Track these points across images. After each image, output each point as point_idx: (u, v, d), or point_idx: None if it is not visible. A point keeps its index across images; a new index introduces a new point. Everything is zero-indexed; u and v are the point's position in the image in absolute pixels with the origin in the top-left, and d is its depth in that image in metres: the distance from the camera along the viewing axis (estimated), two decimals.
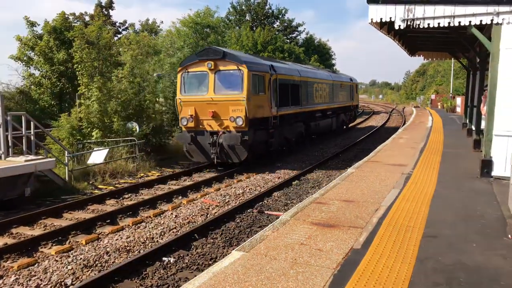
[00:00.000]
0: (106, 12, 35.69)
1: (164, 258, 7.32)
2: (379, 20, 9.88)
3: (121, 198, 11.66)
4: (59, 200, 11.28)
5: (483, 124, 11.10)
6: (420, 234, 5.77)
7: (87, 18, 32.65)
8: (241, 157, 14.29)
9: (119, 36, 34.97)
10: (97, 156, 14.56)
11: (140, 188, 12.64)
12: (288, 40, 51.15)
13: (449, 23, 9.36)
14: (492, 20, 8.98)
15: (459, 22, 9.28)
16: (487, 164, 9.53)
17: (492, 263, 4.85)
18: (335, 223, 6.25)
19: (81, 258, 7.36)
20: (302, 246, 5.34)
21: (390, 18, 9.73)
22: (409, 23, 9.64)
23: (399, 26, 9.73)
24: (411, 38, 16.17)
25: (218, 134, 14.35)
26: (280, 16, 53.78)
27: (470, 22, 9.20)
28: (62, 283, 6.54)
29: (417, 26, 9.65)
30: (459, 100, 37.46)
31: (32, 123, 12.28)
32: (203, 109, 14.45)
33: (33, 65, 26.65)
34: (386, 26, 12.06)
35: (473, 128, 15.64)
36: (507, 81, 9.02)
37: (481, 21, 9.09)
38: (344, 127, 29.23)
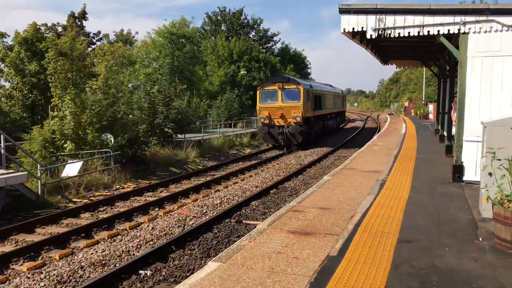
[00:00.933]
0: (79, 23, 35.24)
1: (140, 271, 7.20)
2: (351, 30, 10.07)
3: (96, 211, 11.44)
4: (32, 215, 10.97)
5: (454, 130, 11.40)
6: (395, 239, 5.86)
7: (59, 29, 32.15)
8: (298, 140, 23.30)
9: (93, 47, 34.55)
10: (71, 169, 14.26)
11: (116, 200, 12.43)
12: (263, 50, 51.50)
13: (418, 32, 9.63)
14: (459, 30, 9.28)
15: (428, 32, 9.57)
16: (458, 169, 9.77)
17: (464, 266, 4.96)
18: (312, 231, 6.28)
19: (54, 274, 7.17)
20: (279, 255, 5.34)
21: (362, 28, 9.95)
22: (380, 32, 9.87)
23: (371, 35, 9.95)
24: (383, 47, 16.54)
25: (284, 127, 23.29)
26: (255, 26, 54.21)
27: (438, 31, 9.49)
28: None
29: (388, 35, 9.88)
30: (431, 107, 38.37)
31: (2, 136, 11.97)
32: (274, 112, 23.54)
33: (3, 77, 26.08)
34: (359, 36, 12.31)
35: (445, 134, 16.03)
36: (475, 88, 9.30)
37: (448, 30, 9.39)
38: (337, 127, 37.93)
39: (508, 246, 5.37)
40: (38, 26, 27.24)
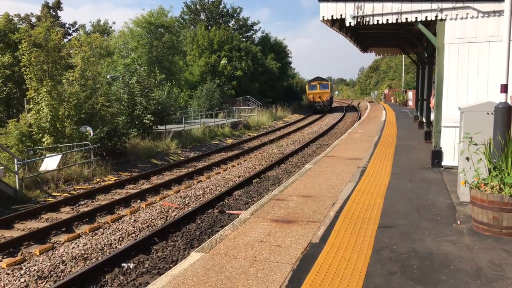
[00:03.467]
0: (54, 13, 34.37)
1: (123, 264, 7.15)
2: (330, 18, 10.07)
3: (76, 204, 11.29)
4: (10, 210, 10.77)
5: (432, 117, 11.56)
6: (376, 225, 5.94)
7: (33, 20, 31.31)
8: (328, 109, 46.94)
9: (69, 38, 33.78)
10: (50, 163, 14.01)
11: (97, 193, 12.27)
12: (244, 39, 51.13)
13: (397, 19, 9.69)
14: (436, 17, 9.37)
15: (406, 19, 9.63)
16: (437, 155, 9.94)
17: (442, 249, 5.06)
18: (294, 219, 6.32)
19: (35, 270, 7.07)
20: (261, 244, 5.36)
21: (341, 15, 9.96)
22: (359, 20, 9.90)
23: (350, 23, 9.97)
24: (363, 35, 16.61)
25: (320, 102, 46.61)
26: (235, 15, 53.69)
27: (416, 18, 9.56)
28: None
29: (366, 22, 9.92)
30: (410, 94, 38.85)
31: None
32: (315, 95, 46.84)
33: None
34: (338, 24, 12.30)
35: (424, 120, 16.27)
36: (452, 74, 9.44)
37: (426, 17, 9.47)
38: (332, 105, 56.46)
39: (484, 229, 5.50)
40: (10, 17, 26.49)
